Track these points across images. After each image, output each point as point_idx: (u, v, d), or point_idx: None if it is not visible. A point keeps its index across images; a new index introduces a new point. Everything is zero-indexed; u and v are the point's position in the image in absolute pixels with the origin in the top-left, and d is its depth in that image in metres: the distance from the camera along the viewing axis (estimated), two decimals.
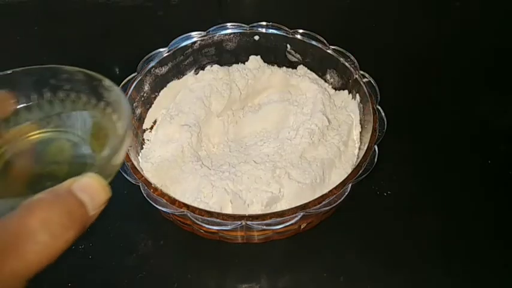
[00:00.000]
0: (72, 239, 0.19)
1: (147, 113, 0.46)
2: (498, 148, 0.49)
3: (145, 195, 0.35)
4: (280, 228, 0.33)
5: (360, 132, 0.44)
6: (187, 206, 0.34)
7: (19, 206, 0.19)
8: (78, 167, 0.28)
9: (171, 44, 0.47)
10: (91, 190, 0.21)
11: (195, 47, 0.48)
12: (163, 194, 0.35)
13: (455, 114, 0.53)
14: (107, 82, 0.29)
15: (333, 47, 0.46)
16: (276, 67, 0.50)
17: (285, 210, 0.34)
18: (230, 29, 0.49)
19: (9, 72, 0.28)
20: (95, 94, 0.29)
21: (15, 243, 0.18)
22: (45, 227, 0.18)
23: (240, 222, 0.33)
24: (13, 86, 0.28)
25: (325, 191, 0.35)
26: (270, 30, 0.49)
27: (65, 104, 0.30)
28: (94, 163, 0.27)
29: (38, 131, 0.29)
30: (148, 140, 0.45)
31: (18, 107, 0.29)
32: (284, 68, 0.50)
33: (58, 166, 0.29)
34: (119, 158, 0.25)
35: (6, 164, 0.27)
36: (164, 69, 0.47)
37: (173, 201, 0.34)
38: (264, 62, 0.50)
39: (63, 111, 0.30)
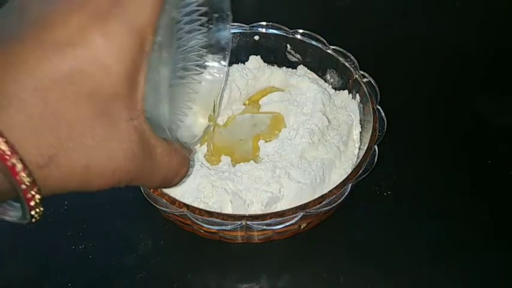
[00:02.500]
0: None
1: None
2: (498, 148, 0.49)
3: (145, 195, 0.35)
4: (280, 228, 0.33)
5: (360, 132, 0.44)
6: (187, 206, 0.34)
7: (171, 144, 0.25)
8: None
9: None
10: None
11: None
12: (163, 194, 0.35)
13: (455, 114, 0.52)
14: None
15: (333, 47, 0.46)
16: (276, 67, 0.50)
17: (285, 210, 0.34)
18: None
19: None
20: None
21: (159, 165, 0.24)
22: (175, 171, 0.26)
23: (240, 222, 0.33)
24: None
25: (325, 191, 0.35)
26: (270, 30, 0.49)
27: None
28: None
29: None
30: None
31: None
32: (284, 68, 0.50)
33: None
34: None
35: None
36: None
37: (173, 201, 0.34)
38: (264, 62, 0.50)
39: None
